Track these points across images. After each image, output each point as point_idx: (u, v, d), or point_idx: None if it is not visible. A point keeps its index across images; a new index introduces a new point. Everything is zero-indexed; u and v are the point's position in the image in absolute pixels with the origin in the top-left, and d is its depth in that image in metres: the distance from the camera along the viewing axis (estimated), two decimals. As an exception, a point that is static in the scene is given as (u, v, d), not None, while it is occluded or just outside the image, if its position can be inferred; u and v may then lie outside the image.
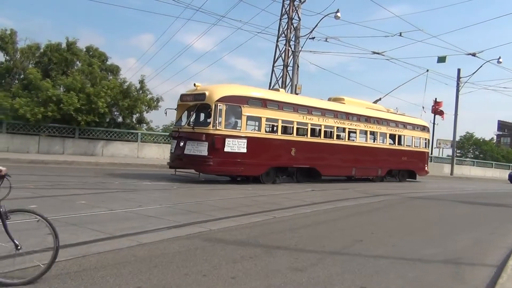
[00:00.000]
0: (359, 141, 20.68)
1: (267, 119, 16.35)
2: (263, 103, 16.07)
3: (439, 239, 8.15)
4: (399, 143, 23.37)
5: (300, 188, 15.82)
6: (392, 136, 22.83)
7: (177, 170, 15.79)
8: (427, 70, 31.06)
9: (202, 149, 14.51)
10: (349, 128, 20.00)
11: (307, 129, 17.78)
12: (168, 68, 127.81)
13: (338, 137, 19.55)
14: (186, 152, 14.82)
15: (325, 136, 18.74)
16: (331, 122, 18.81)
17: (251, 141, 15.38)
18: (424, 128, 25.56)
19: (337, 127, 19.21)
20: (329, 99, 21.18)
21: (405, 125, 23.57)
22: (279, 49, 29.59)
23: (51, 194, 9.56)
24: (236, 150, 14.94)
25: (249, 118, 15.75)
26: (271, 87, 40.82)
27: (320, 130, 18.39)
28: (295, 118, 17.19)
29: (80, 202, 8.96)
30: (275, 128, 17.03)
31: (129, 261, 4.96)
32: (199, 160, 14.58)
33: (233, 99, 15.24)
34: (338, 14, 25.13)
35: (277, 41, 29.48)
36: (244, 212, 9.12)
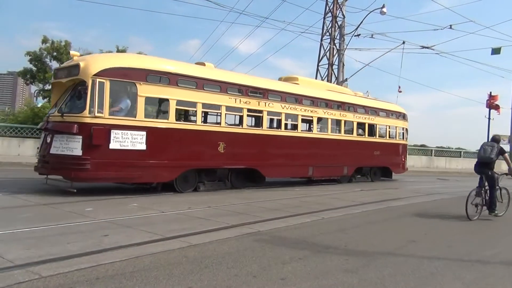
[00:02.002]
0: (317, 132, 16.16)
1: (179, 102, 11.52)
2: (172, 79, 11.36)
3: (497, 240, 7.76)
4: (371, 134, 18.77)
5: (348, 188, 15.57)
6: (361, 125, 18.31)
7: (48, 177, 10.77)
8: (403, 42, 24.64)
9: (73, 146, 10.03)
10: (303, 116, 15.18)
11: (243, 116, 13.14)
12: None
13: (288, 127, 15.08)
14: (52, 151, 10.27)
15: (270, 126, 14.66)
16: (278, 107, 14.15)
17: (153, 133, 10.92)
18: (400, 115, 20.59)
19: (287, 114, 14.57)
20: (280, 79, 16.61)
21: (377, 111, 18.88)
22: (323, 48, 29.30)
23: (106, 197, 9.93)
24: (130, 147, 10.52)
25: (150, 100, 11.27)
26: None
27: (262, 118, 13.75)
28: (224, 101, 12.51)
29: (133, 205, 9.29)
30: (192, 115, 12.83)
31: (181, 262, 5.07)
32: (69, 163, 10.05)
33: (123, 73, 10.65)
34: (384, 10, 24.57)
35: (321, 40, 29.21)
36: (292, 213, 9.09)
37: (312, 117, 15.72)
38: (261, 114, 13.76)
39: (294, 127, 15.23)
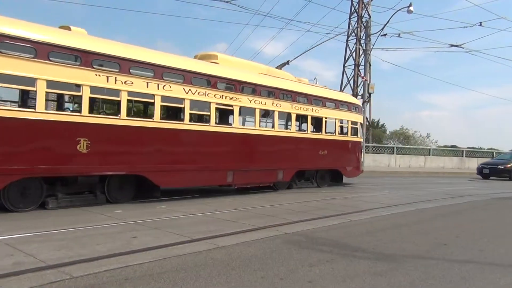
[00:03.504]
0: (239, 126, 12.54)
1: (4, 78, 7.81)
2: None
3: (534, 243, 7.48)
4: (316, 129, 15.40)
5: (376, 190, 15.35)
6: (303, 118, 14.97)
7: None
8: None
9: None
10: (219, 104, 11.54)
11: (121, 102, 9.40)
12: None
13: (196, 118, 11.58)
14: None
15: (167, 117, 11.23)
16: (179, 91, 10.47)
17: None
18: (353, 107, 17.01)
19: (193, 101, 10.89)
20: (195, 57, 12.78)
21: (323, 101, 15.19)
22: (349, 49, 29.11)
23: (135, 199, 10.09)
24: None
25: None
26: (342, 89, 40.24)
27: (153, 105, 10.15)
28: (88, 79, 8.82)
29: (161, 207, 9.42)
30: (28, 98, 8.99)
31: (208, 263, 5.09)
32: None
33: None
34: (411, 8, 24.12)
35: (347, 40, 29.02)
36: (319, 215, 9.02)
37: (232, 106, 11.90)
38: (151, 100, 10.06)
39: (206, 118, 11.50)
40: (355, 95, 38.03)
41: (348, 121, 16.46)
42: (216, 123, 11.75)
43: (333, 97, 16.11)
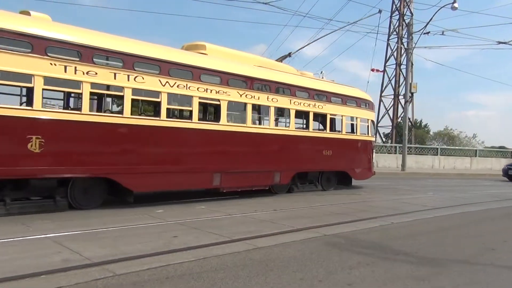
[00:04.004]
0: (228, 123, 10.98)
1: None
2: None
3: None
4: (319, 127, 14.19)
5: (419, 192, 14.94)
6: (304, 115, 13.63)
7: None
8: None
9: None
10: (203, 98, 10.43)
11: (82, 95, 8.42)
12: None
13: (175, 114, 10.94)
14: None
15: (138, 112, 10.65)
16: (155, 83, 9.42)
17: None
18: (364, 103, 15.38)
19: (172, 95, 9.87)
20: (183, 47, 11.75)
21: (328, 96, 13.80)
22: (390, 48, 28.54)
23: (176, 199, 10.27)
24: None
25: None
26: (383, 89, 39.43)
27: (121, 98, 9.13)
28: (41, 68, 7.82)
29: (201, 207, 9.56)
30: None
31: (247, 264, 5.12)
32: None
33: None
34: (455, 5, 23.39)
35: (388, 39, 28.46)
36: (359, 217, 8.88)
37: (219, 100, 10.66)
38: (120, 93, 9.02)
39: (188, 114, 10.59)
40: (397, 95, 37.23)
41: (357, 118, 14.88)
42: (200, 119, 10.86)
43: (339, 92, 14.49)
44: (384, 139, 43.77)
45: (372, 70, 25.50)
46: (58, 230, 6.47)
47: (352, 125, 14.89)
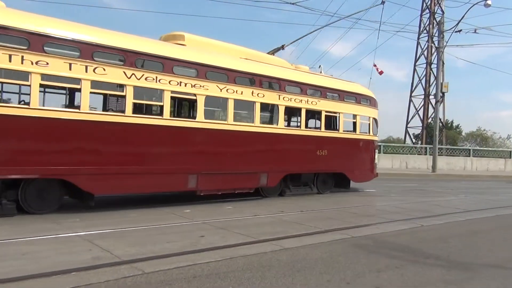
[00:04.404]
0: (205, 119, 9.89)
1: None
2: None
3: None
4: (312, 125, 13.41)
5: (450, 194, 14.58)
6: (295, 112, 12.76)
7: None
8: None
9: None
10: (175, 92, 9.50)
11: (30, 87, 7.59)
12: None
13: (144, 109, 9.69)
14: None
15: (100, 107, 9.49)
16: (118, 76, 8.54)
17: None
18: (365, 100, 14.22)
19: (139, 89, 8.89)
20: (161, 38, 10.87)
21: (323, 92, 12.72)
22: (420, 47, 28.02)
23: (203, 200, 10.36)
24: None
25: None
26: (413, 88, 38.68)
27: (78, 91, 8.35)
28: None
29: (228, 207, 9.61)
30: None
31: (273, 264, 5.10)
32: None
33: None
34: (489, 2, 22.73)
35: (418, 38, 27.92)
36: (388, 219, 8.73)
37: (195, 95, 9.74)
38: (77, 86, 8.21)
39: (158, 110, 9.72)
40: (427, 95, 36.48)
41: (356, 115, 13.78)
42: (174, 115, 10.08)
43: (336, 87, 13.29)
44: (414, 140, 42.97)
45: (375, 65, 24.73)
46: (88, 229, 6.62)
47: (351, 123, 13.84)
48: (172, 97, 9.50)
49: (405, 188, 16.26)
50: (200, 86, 9.74)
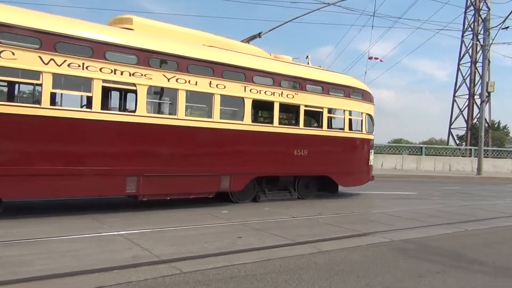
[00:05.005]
0: (149, 113, 8.73)
1: None
2: None
3: None
4: (290, 122, 12.19)
5: (496, 198, 13.99)
6: (266, 106, 11.28)
7: None
8: None
9: None
10: (108, 81, 8.25)
11: None
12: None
13: (69, 101, 8.85)
14: None
15: (7, 98, 8.24)
16: (33, 61, 7.39)
17: None
18: (354, 94, 12.52)
19: (61, 77, 7.78)
20: (109, 23, 9.57)
21: (302, 84, 11.17)
22: (465, 45, 27.12)
23: (240, 202, 10.42)
24: None
25: None
26: (456, 88, 37.43)
27: None
28: None
29: (264, 209, 9.65)
30: None
31: (310, 267, 5.06)
32: None
33: None
34: (539, -4, 21.65)
35: (462, 36, 27.03)
36: (430, 223, 8.48)
37: (135, 85, 8.51)
38: None
39: (86, 101, 8.62)
40: (472, 94, 35.20)
41: (345, 111, 12.18)
42: (107, 108, 8.72)
43: (319, 79, 11.67)
44: (458, 142, 41.60)
45: (370, 58, 23.50)
46: (128, 228, 6.79)
47: (338, 119, 12.28)
48: (104, 87, 8.17)
49: (447, 191, 15.74)
50: (141, 74, 8.53)
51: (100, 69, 8.03)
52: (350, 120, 12.35)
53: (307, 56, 12.56)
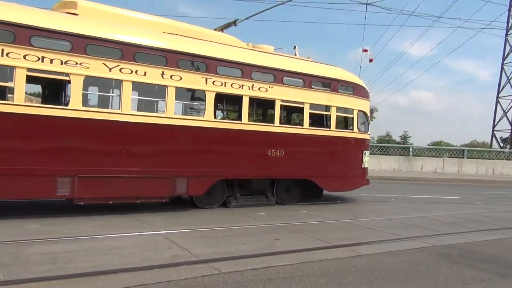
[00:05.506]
0: (80, 106, 7.63)
1: None
2: None
3: None
4: (264, 118, 11.42)
5: None
6: (232, 101, 10.11)
7: None
8: None
9: None
10: (34, 71, 7.25)
11: None
12: (382, 78, 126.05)
13: None
14: None
15: None
16: None
17: None
18: (346, 88, 11.25)
19: None
20: (53, 8, 8.63)
21: (279, 76, 9.95)
22: (509, 44, 26.02)
23: (275, 204, 10.40)
24: None
25: None
26: (500, 88, 36.04)
27: None
28: None
29: (302, 211, 9.58)
30: None
31: (349, 271, 5.00)
32: None
33: None
34: None
35: (506, 34, 26.05)
36: (473, 228, 8.20)
37: (68, 75, 7.55)
38: None
39: (7, 93, 7.40)
40: (517, 95, 33.76)
41: (331, 107, 10.81)
42: (32, 101, 7.87)
43: (299, 70, 10.39)
44: (501, 144, 40.03)
45: (365, 50, 22.08)
46: (168, 228, 6.92)
47: (323, 115, 10.99)
48: (29, 77, 7.24)
49: (491, 195, 15.17)
50: (76, 63, 7.54)
51: (24, 57, 7.09)
52: (337, 117, 11.06)
53: (295, 47, 11.33)
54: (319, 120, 11.00)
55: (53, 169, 7.39)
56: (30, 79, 7.36)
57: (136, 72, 8.09)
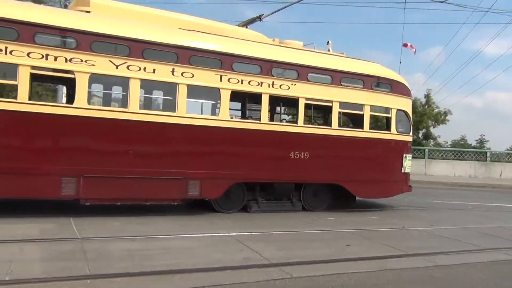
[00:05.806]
0: (86, 104, 7.42)
1: None
2: None
3: None
4: (283, 116, 10.63)
5: None
6: (250, 99, 9.25)
7: None
8: None
9: None
10: (37, 68, 7.20)
11: None
12: (455, 79, 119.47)
13: None
14: None
15: None
16: None
17: None
18: (382, 85, 10.19)
19: None
20: (69, 7, 8.61)
21: (302, 73, 9.17)
22: None
23: (346, 208, 10.19)
24: None
25: None
26: None
27: None
28: None
29: (372, 217, 9.32)
30: None
31: (426, 281, 4.80)
32: None
33: None
34: None
35: None
36: None
37: (73, 73, 7.38)
38: None
39: (11, 91, 7.71)
40: None
41: (364, 106, 9.83)
42: (36, 99, 7.55)
43: (327, 66, 9.58)
44: None
45: (405, 45, 19.85)
46: (238, 230, 7.02)
47: (355, 115, 10.24)
48: (33, 75, 7.19)
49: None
50: (81, 60, 7.37)
51: (28, 54, 7.00)
52: (371, 116, 10.10)
53: (328, 42, 10.42)
54: (350, 120, 10.50)
55: (57, 168, 7.24)
56: (34, 77, 7.37)
57: (144, 69, 7.84)
